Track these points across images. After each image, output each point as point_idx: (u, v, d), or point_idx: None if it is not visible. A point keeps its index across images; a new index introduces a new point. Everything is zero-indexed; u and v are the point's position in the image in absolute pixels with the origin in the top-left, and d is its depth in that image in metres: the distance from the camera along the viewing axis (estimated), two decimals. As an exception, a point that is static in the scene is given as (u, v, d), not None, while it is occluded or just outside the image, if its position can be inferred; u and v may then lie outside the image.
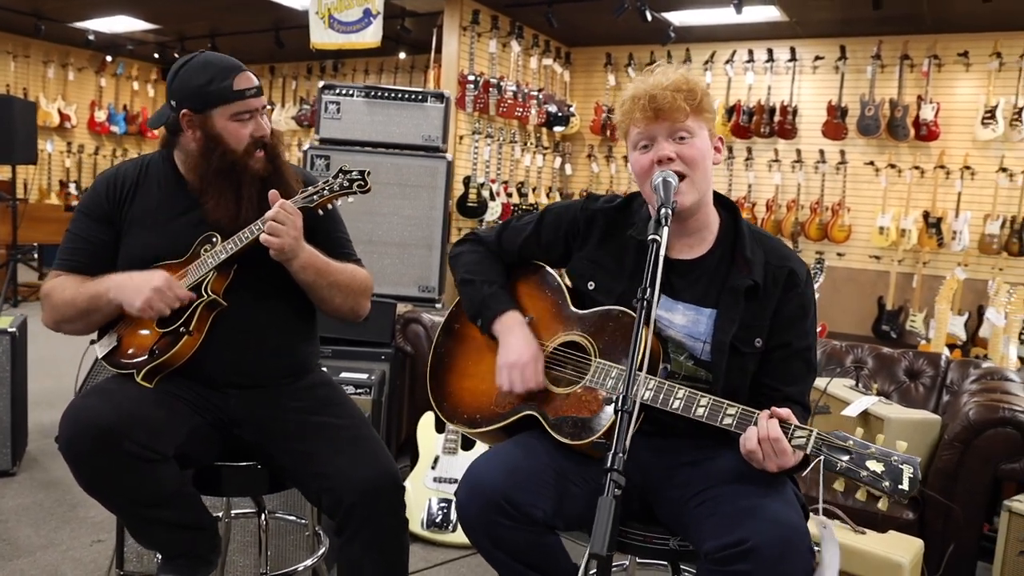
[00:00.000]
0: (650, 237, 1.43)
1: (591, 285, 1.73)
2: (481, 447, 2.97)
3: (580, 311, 1.74)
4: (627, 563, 1.90)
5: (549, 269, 1.84)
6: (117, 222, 1.86)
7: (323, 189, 1.78)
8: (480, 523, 1.54)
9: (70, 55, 9.39)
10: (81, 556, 2.56)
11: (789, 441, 1.42)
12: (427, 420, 3.07)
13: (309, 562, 2.08)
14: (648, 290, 1.36)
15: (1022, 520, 2.20)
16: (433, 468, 2.93)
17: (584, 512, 1.60)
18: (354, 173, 1.78)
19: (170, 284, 1.73)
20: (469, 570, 2.68)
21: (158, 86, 10.38)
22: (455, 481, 2.93)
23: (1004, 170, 6.10)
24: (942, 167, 6.31)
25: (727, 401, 1.50)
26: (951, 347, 5.56)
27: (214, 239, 1.79)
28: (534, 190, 7.46)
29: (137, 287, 1.72)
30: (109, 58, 9.52)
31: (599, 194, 1.86)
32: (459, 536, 2.84)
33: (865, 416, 2.49)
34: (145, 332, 1.79)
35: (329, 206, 1.81)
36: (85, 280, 1.80)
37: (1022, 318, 4.53)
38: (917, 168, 6.41)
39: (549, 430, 1.64)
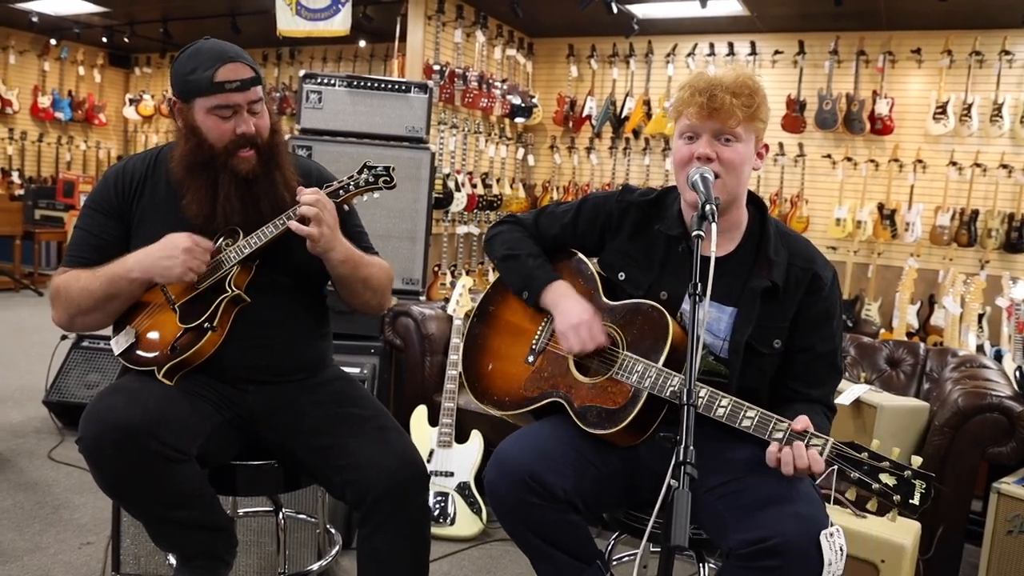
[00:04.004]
0: (694, 233, 1.45)
1: (621, 276, 1.76)
2: (476, 440, 2.97)
3: (611, 302, 1.76)
4: (640, 551, 1.93)
5: (583, 257, 1.86)
6: (127, 217, 1.80)
7: (348, 184, 1.75)
8: (510, 501, 1.60)
9: (11, 37, 8.98)
10: (72, 559, 2.48)
11: (806, 447, 1.44)
12: (420, 413, 3.06)
13: (324, 561, 2.06)
14: (698, 285, 1.38)
15: (1010, 501, 2.30)
16: (428, 462, 2.92)
17: (597, 492, 1.66)
18: (379, 168, 1.75)
19: (195, 240, 1.69)
20: (470, 562, 2.68)
21: (105, 72, 10.00)
22: (451, 474, 2.93)
23: (954, 164, 6.31)
24: (896, 161, 6.49)
25: (775, 416, 1.51)
26: (908, 335, 5.75)
27: (237, 233, 1.75)
28: (498, 181, 7.45)
29: (166, 254, 1.66)
30: (53, 41, 9.14)
31: (635, 186, 1.88)
32: (458, 529, 2.84)
33: (857, 404, 2.56)
34: (166, 328, 1.74)
35: (354, 201, 1.78)
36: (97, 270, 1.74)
37: (979, 306, 4.70)
38: (872, 161, 6.59)
39: (574, 418, 1.68)
